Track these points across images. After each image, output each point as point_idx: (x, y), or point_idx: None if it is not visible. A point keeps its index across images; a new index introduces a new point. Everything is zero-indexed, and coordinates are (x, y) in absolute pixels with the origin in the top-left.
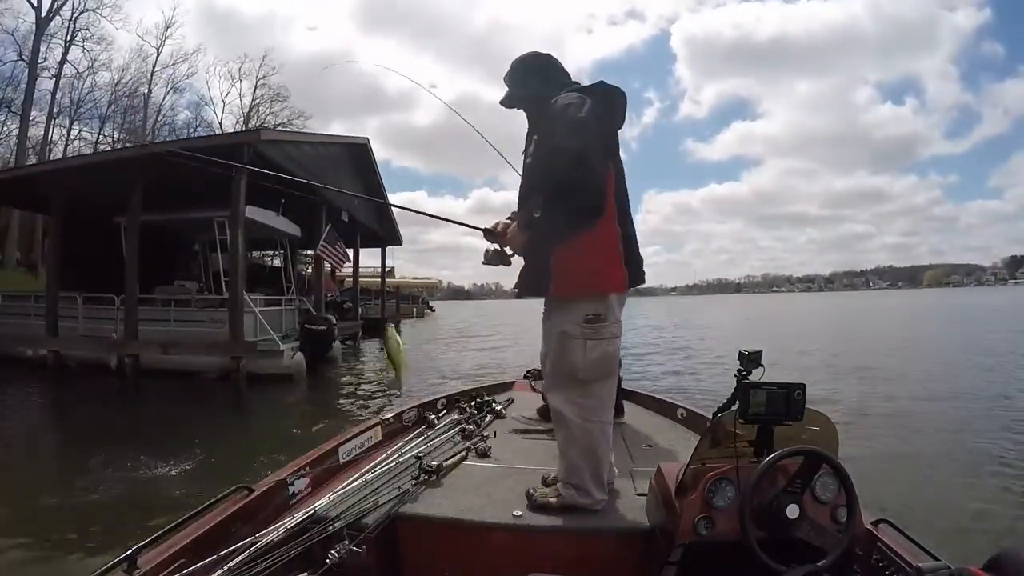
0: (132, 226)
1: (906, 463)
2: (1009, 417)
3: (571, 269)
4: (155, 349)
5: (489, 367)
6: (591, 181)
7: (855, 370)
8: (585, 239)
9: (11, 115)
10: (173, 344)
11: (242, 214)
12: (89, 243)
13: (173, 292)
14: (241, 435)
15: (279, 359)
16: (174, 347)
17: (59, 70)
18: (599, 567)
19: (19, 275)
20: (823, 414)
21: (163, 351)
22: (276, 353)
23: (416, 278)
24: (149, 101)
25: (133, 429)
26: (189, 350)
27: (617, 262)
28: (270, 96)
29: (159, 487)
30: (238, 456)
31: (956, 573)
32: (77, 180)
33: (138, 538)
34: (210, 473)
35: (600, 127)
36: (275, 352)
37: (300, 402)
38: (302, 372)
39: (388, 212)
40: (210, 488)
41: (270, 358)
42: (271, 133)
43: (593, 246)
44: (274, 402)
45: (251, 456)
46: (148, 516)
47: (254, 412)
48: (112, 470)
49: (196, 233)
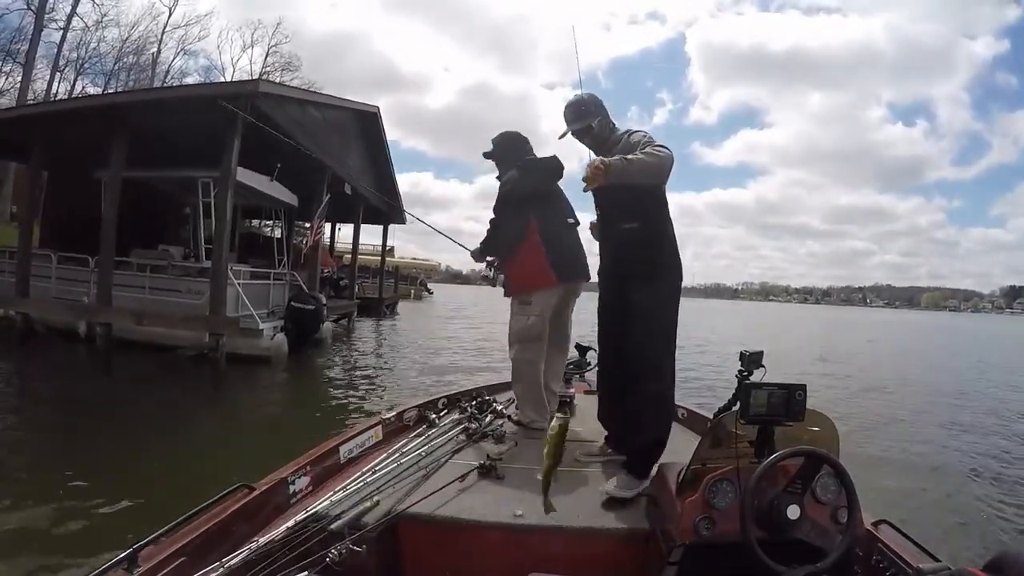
0: (113, 181)
1: (907, 463)
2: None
3: (511, 280)
4: (129, 318)
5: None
6: (503, 237)
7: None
8: (514, 262)
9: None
10: (147, 314)
11: (233, 175)
12: (72, 198)
13: (150, 256)
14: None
15: (257, 339)
16: (148, 318)
17: (67, 22)
18: (600, 567)
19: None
20: (824, 415)
21: (136, 321)
22: (255, 332)
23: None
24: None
25: (73, 430)
26: (164, 322)
27: (542, 271)
28: (281, 65)
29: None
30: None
31: (956, 574)
32: (58, 128)
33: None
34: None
35: (527, 190)
36: (254, 331)
37: (269, 392)
38: (282, 355)
39: (393, 188)
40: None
41: (247, 337)
42: (272, 86)
43: (521, 265)
44: (242, 391)
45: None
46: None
47: (219, 403)
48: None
49: (186, 195)
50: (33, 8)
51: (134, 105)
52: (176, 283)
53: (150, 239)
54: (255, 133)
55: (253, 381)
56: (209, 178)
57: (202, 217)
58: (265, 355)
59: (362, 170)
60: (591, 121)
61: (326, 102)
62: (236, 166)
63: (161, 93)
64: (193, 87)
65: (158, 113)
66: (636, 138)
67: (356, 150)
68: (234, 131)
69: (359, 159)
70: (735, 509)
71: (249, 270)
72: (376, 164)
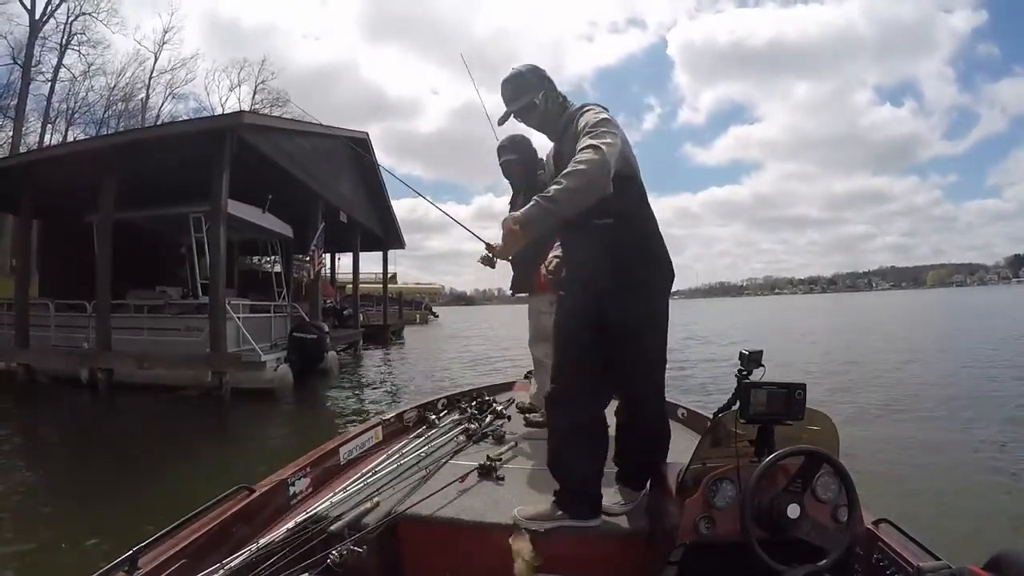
0: (104, 224)
1: (907, 464)
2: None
3: (539, 279)
4: (130, 362)
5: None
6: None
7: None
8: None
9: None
10: (148, 357)
11: (224, 208)
12: (67, 245)
13: (147, 297)
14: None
15: (260, 371)
16: (149, 360)
17: (55, 74)
18: (600, 567)
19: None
20: (824, 414)
21: (138, 364)
22: (257, 364)
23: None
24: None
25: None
26: (166, 363)
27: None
28: (270, 101)
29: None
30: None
31: (957, 573)
32: (47, 175)
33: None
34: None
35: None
36: (256, 363)
37: (272, 425)
38: (287, 386)
39: (390, 213)
40: None
41: (250, 370)
42: (256, 117)
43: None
44: (244, 425)
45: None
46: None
47: (224, 438)
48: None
49: (180, 234)
50: (19, 62)
51: (119, 147)
52: (175, 322)
53: (147, 282)
54: (244, 166)
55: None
56: (200, 213)
57: (196, 254)
58: (269, 387)
59: (356, 198)
60: (534, 96)
61: (313, 131)
62: (227, 199)
63: (145, 133)
64: (177, 124)
65: (144, 153)
66: (582, 123)
67: (348, 178)
68: (222, 164)
69: (352, 187)
70: (735, 508)
71: (248, 303)
72: (370, 191)
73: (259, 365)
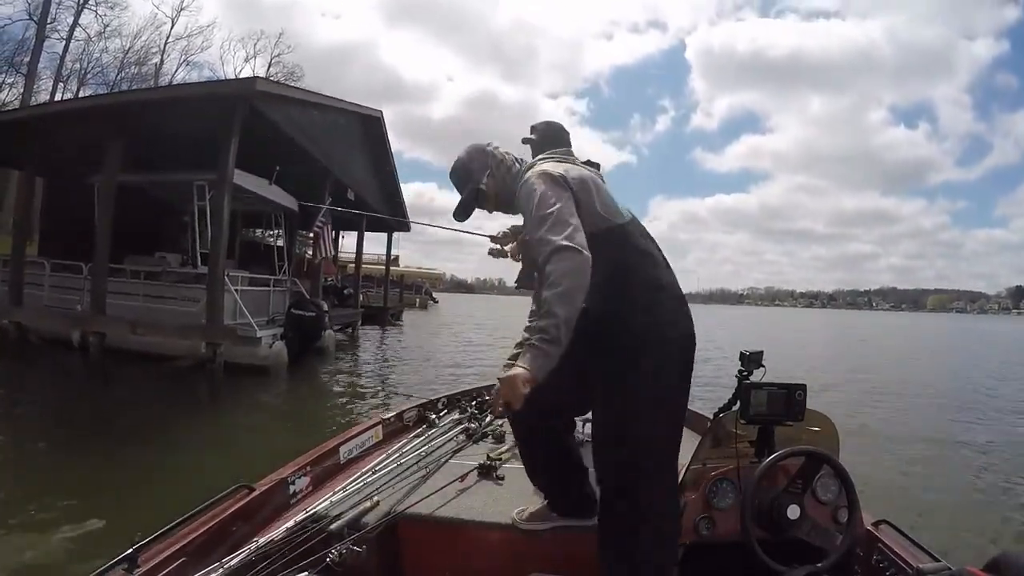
0: (107, 186)
1: (908, 465)
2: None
3: None
4: (123, 327)
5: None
6: None
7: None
8: None
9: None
10: (142, 323)
11: (230, 177)
12: (69, 205)
13: (145, 263)
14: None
15: (255, 347)
16: (143, 327)
17: (70, 33)
18: (599, 567)
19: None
20: (824, 415)
21: (131, 330)
22: (252, 340)
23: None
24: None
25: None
26: (160, 331)
27: None
28: (284, 75)
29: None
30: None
31: (956, 574)
32: (54, 131)
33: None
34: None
35: None
36: (251, 339)
37: (265, 407)
38: (282, 364)
39: (397, 195)
40: None
41: (245, 345)
42: (270, 85)
43: None
44: (234, 404)
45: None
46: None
47: (214, 415)
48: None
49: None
50: (35, 19)
51: (129, 105)
52: (172, 290)
53: (148, 247)
54: (253, 135)
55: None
56: (205, 181)
57: (198, 223)
58: (263, 364)
59: (365, 177)
60: (479, 182)
61: (327, 103)
62: (233, 168)
63: (156, 93)
64: (189, 86)
65: (153, 114)
66: (525, 211)
67: (359, 157)
68: (231, 131)
69: (362, 165)
70: (735, 509)
71: (248, 276)
72: (379, 171)
73: (255, 341)
